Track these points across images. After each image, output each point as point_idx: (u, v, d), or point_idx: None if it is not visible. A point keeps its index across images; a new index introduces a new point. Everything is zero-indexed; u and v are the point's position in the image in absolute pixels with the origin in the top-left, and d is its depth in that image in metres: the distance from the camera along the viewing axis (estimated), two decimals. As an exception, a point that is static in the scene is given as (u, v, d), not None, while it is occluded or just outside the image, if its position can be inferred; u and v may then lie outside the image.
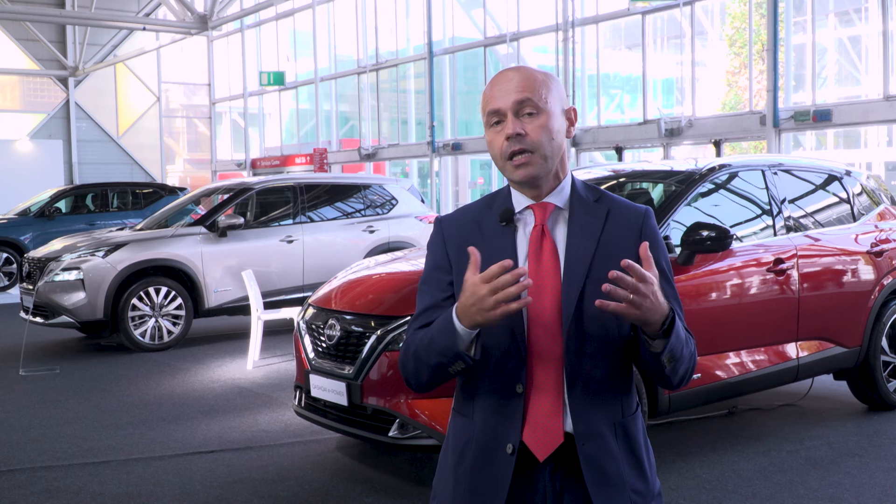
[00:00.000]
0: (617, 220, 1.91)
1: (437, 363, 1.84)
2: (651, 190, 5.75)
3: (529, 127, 1.85)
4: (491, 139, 1.90)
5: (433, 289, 1.97)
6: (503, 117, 1.87)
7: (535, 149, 1.86)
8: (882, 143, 20.82)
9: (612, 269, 1.82)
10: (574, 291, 1.84)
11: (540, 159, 1.86)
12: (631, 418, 1.92)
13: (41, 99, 30.86)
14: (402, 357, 1.95)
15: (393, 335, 4.40)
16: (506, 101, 1.86)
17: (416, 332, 1.92)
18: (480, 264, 1.82)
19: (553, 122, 1.88)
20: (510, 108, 1.86)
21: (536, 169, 1.87)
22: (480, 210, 1.98)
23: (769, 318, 5.19)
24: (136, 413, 6.32)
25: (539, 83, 1.87)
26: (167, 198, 16.19)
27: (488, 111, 1.89)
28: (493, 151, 1.91)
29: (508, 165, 1.88)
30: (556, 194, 1.92)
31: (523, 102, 1.86)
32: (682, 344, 1.83)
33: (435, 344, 1.82)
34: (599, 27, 19.92)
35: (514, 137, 1.85)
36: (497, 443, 1.86)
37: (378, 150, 25.44)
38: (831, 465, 4.85)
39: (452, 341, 1.78)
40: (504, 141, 1.86)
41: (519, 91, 1.86)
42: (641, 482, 1.92)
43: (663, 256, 1.94)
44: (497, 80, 1.90)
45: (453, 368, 1.84)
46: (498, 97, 1.87)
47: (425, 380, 1.91)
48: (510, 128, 1.85)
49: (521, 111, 1.86)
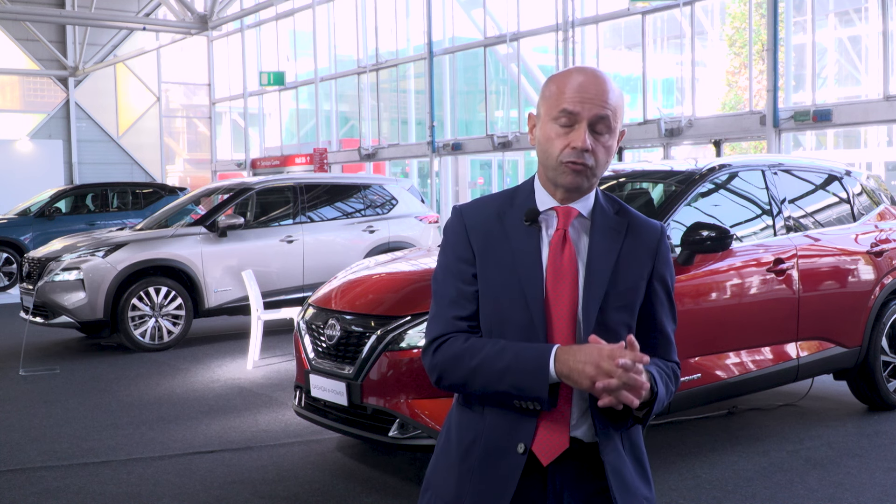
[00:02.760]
0: (635, 236, 1.92)
1: (504, 392, 1.81)
2: (651, 190, 5.74)
3: (598, 146, 1.85)
4: (552, 137, 1.86)
5: (457, 280, 1.92)
6: (575, 120, 1.84)
7: (593, 166, 1.86)
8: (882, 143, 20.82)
9: (628, 284, 1.88)
10: (594, 304, 1.85)
11: (592, 175, 1.87)
12: (634, 427, 1.94)
13: (41, 99, 30.85)
14: (445, 361, 1.88)
15: (393, 335, 4.39)
16: (586, 110, 1.83)
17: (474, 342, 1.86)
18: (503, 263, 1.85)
19: (614, 143, 1.89)
20: (589, 118, 1.83)
21: (587, 181, 1.87)
22: (502, 205, 1.95)
23: (769, 318, 5.19)
24: (136, 413, 6.32)
25: (617, 104, 1.86)
26: (167, 198, 16.19)
27: (561, 108, 1.84)
28: (550, 149, 1.86)
29: (562, 167, 1.86)
30: (582, 201, 1.92)
31: (602, 119, 1.84)
32: (664, 401, 1.86)
33: (511, 376, 1.79)
34: (599, 27, 19.91)
35: (581, 151, 1.83)
36: (508, 442, 1.86)
37: (378, 150, 25.43)
38: (831, 465, 4.85)
39: (539, 386, 1.77)
40: (568, 147, 1.84)
41: (601, 106, 1.83)
42: (647, 488, 1.94)
43: (672, 274, 1.98)
44: (579, 79, 1.85)
45: (523, 405, 1.82)
46: (578, 101, 1.83)
47: (472, 393, 1.88)
48: (582, 141, 1.82)
49: (595, 126, 1.84)
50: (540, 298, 1.85)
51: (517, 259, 1.87)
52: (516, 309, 1.85)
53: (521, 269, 1.86)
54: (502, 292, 1.87)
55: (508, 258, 1.88)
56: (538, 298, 1.85)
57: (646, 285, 1.92)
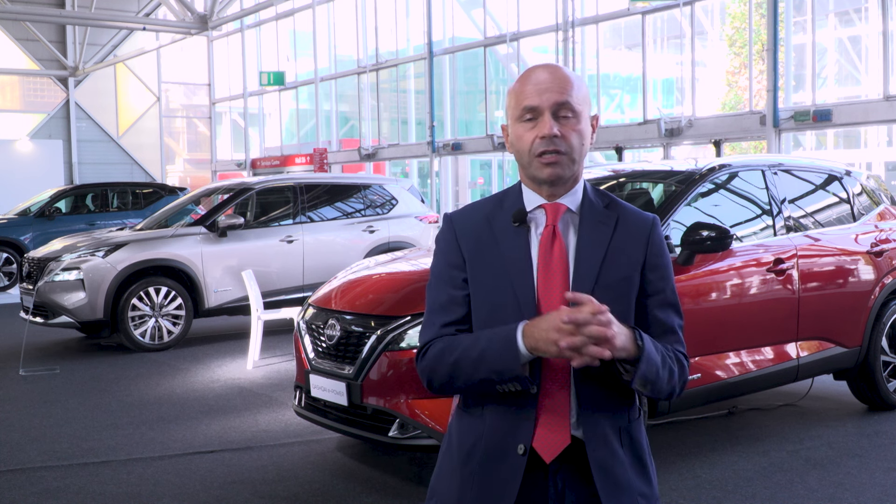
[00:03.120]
0: (626, 227, 1.92)
1: (485, 379, 1.83)
2: (651, 190, 5.74)
3: (565, 130, 1.86)
4: (521, 134, 1.89)
5: (448, 286, 1.94)
6: (539, 115, 1.86)
7: (567, 151, 1.86)
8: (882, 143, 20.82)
9: (619, 275, 1.87)
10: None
11: (569, 161, 1.87)
12: (635, 423, 1.93)
13: (41, 99, 30.86)
14: (431, 362, 1.90)
15: (393, 335, 4.39)
16: (544, 100, 1.86)
17: (451, 338, 1.88)
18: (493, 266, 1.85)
19: (586, 127, 1.90)
20: (549, 107, 1.85)
21: (563, 170, 1.87)
22: (491, 209, 1.97)
23: (769, 318, 5.19)
24: (136, 413, 6.32)
25: (577, 88, 1.88)
26: (167, 198, 16.19)
27: (523, 107, 1.87)
28: (522, 146, 1.89)
29: (536, 162, 1.87)
30: (569, 196, 1.92)
31: (563, 105, 1.86)
32: (657, 368, 1.82)
33: (487, 361, 1.80)
34: (599, 27, 19.92)
35: (550, 138, 1.85)
36: (508, 443, 1.86)
37: (378, 150, 25.44)
38: (831, 465, 4.85)
39: (513, 363, 1.77)
40: (537, 138, 1.86)
41: (559, 92, 1.86)
42: (646, 486, 1.93)
43: (668, 264, 1.97)
44: (532, 77, 1.89)
45: (505, 388, 1.83)
46: (535, 94, 1.86)
47: (457, 388, 1.90)
48: (547, 128, 1.85)
49: (558, 112, 1.86)
50: (531, 298, 1.85)
51: (507, 260, 1.88)
52: (509, 310, 1.86)
53: (511, 271, 1.87)
54: (494, 295, 1.88)
55: (499, 261, 1.89)
56: (529, 298, 1.86)
57: (640, 276, 1.91)
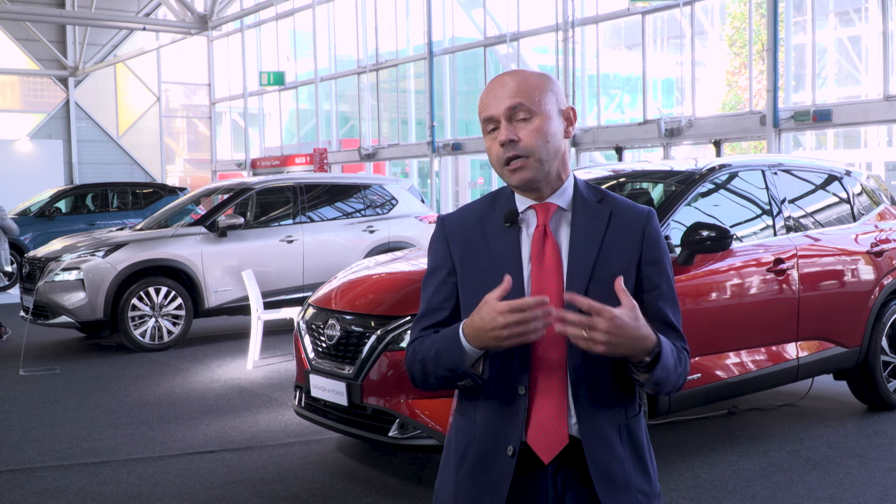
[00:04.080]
0: (620, 222, 1.90)
1: (444, 376, 1.85)
2: (651, 190, 5.75)
3: (523, 132, 1.85)
4: (488, 146, 1.90)
5: (436, 289, 1.96)
6: (497, 124, 1.87)
7: (529, 153, 1.85)
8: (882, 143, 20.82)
9: (615, 270, 1.84)
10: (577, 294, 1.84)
11: (535, 163, 1.86)
12: (634, 420, 1.92)
13: (41, 99, 30.86)
14: (409, 362, 1.95)
15: (393, 335, 4.40)
16: (498, 108, 1.86)
17: (423, 339, 1.91)
18: (484, 267, 1.83)
19: (548, 124, 1.87)
20: (503, 114, 1.85)
21: (532, 173, 1.86)
22: (483, 209, 1.97)
23: (769, 318, 5.19)
24: (136, 413, 6.32)
25: (532, 86, 1.86)
26: (167, 198, 16.20)
27: (483, 118, 1.89)
28: (491, 158, 1.91)
29: (505, 171, 1.88)
30: (558, 195, 1.91)
31: (515, 108, 1.85)
32: (669, 372, 1.81)
33: (441, 358, 1.83)
34: (599, 27, 19.92)
35: (508, 144, 1.85)
36: (498, 445, 1.86)
37: (378, 150, 25.44)
38: (831, 465, 4.85)
39: (459, 360, 1.78)
40: (499, 147, 1.86)
41: (511, 96, 1.85)
42: (646, 483, 1.92)
43: (665, 257, 1.93)
44: (492, 86, 1.90)
45: (462, 384, 1.86)
46: (491, 104, 1.87)
47: (433, 386, 1.92)
48: (503, 134, 1.85)
49: (514, 117, 1.85)
50: (521, 297, 1.83)
51: (497, 261, 1.87)
52: None
53: (501, 271, 1.85)
54: (484, 295, 1.85)
55: (489, 261, 1.89)
56: (519, 297, 1.83)
57: (636, 271, 1.89)
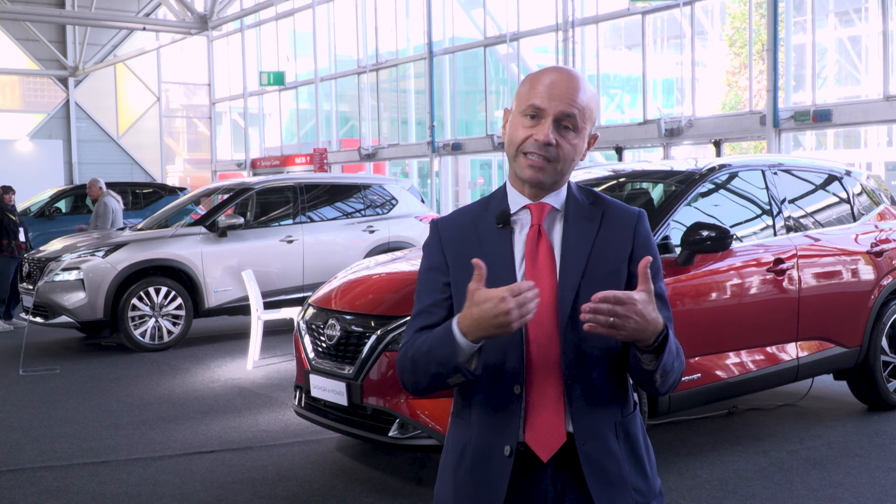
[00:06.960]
0: (611, 222, 1.91)
1: (436, 373, 1.83)
2: (651, 190, 5.74)
3: (562, 140, 1.84)
4: (518, 127, 1.87)
5: (429, 290, 1.95)
6: (542, 116, 1.84)
7: (555, 160, 1.85)
8: (882, 143, 20.82)
9: (606, 268, 1.85)
10: (570, 293, 1.84)
11: (553, 171, 1.86)
12: (630, 417, 1.92)
13: (41, 99, 30.84)
14: (400, 361, 1.93)
15: (393, 335, 4.40)
16: (553, 106, 1.83)
17: (415, 337, 1.90)
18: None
19: (583, 144, 1.88)
20: (553, 114, 1.83)
21: (547, 177, 1.86)
22: (477, 212, 1.97)
23: (769, 318, 5.19)
24: (136, 413, 6.32)
25: (587, 104, 1.86)
26: (167, 198, 16.18)
27: (530, 103, 1.85)
28: (514, 138, 1.87)
29: (522, 159, 1.86)
30: (553, 195, 1.91)
31: (569, 116, 1.84)
32: (674, 357, 1.83)
33: (433, 354, 1.81)
34: (599, 27, 19.91)
35: (544, 144, 1.83)
36: (494, 445, 1.86)
37: (378, 150, 25.43)
38: (831, 465, 4.86)
39: (452, 354, 1.77)
40: (532, 138, 1.84)
41: (571, 104, 1.83)
42: (643, 481, 1.92)
43: (655, 256, 1.93)
44: (549, 77, 1.86)
45: (452, 380, 1.83)
46: (545, 96, 1.84)
47: (423, 386, 1.90)
48: (545, 134, 1.83)
49: (561, 122, 1.84)
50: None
51: (491, 263, 1.86)
52: None
53: (495, 272, 1.85)
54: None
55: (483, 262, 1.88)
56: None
57: (627, 270, 1.89)
